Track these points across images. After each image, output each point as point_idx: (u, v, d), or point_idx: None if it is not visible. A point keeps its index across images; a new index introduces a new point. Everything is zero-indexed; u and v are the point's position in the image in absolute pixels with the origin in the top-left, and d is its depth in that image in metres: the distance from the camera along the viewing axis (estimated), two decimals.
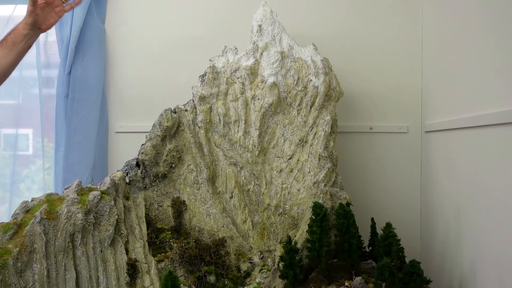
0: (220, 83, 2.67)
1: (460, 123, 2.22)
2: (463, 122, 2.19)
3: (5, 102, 3.11)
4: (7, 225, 2.09)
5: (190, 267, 2.40)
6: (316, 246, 1.97)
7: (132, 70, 3.09)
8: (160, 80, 3.05)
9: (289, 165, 2.60)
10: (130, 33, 3.10)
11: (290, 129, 2.62)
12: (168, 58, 3.07)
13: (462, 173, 2.21)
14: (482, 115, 1.99)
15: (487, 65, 1.99)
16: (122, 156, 2.90)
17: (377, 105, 2.96)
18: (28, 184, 3.15)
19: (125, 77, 3.09)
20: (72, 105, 2.91)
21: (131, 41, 3.10)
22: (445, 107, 2.50)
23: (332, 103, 2.61)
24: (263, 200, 2.61)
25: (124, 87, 3.09)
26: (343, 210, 2.02)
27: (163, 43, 3.08)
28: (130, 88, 3.08)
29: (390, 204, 2.92)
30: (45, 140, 3.06)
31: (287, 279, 1.95)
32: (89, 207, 2.23)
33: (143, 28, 3.10)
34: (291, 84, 2.62)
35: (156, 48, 3.08)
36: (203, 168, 2.61)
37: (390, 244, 1.99)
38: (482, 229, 1.99)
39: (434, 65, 2.71)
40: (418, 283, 1.80)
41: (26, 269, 2.06)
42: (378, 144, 2.96)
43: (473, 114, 2.08)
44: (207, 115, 2.65)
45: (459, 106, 2.30)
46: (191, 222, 2.59)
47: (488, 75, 1.98)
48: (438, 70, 2.64)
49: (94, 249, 2.23)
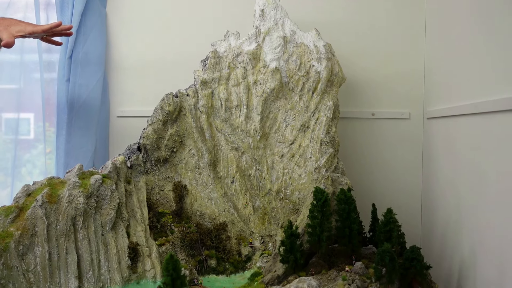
0: (222, 67, 2.66)
1: (463, 109, 2.21)
2: (465, 109, 2.18)
3: (6, 86, 3.10)
4: (9, 208, 2.09)
5: (191, 251, 2.41)
6: (317, 231, 1.97)
7: (134, 54, 3.07)
8: (162, 64, 3.04)
9: (291, 150, 2.59)
10: (132, 17, 3.08)
11: (292, 115, 2.62)
12: (170, 42, 3.05)
13: (464, 160, 2.21)
14: (484, 101, 1.98)
15: (491, 51, 1.98)
16: (123, 140, 2.89)
17: (379, 91, 2.95)
18: (29, 168, 3.15)
19: (127, 61, 3.08)
20: (74, 89, 2.90)
21: (133, 25, 3.08)
22: (448, 94, 2.49)
23: (334, 89, 2.60)
24: (264, 185, 2.61)
25: (125, 71, 3.07)
26: (344, 196, 2.02)
27: (165, 27, 3.06)
28: (132, 72, 3.07)
29: (391, 190, 2.93)
30: (46, 124, 3.05)
31: (288, 264, 1.96)
32: (91, 191, 2.23)
33: (144, 12, 3.08)
34: (293, 69, 2.61)
35: (158, 32, 3.06)
36: (204, 152, 2.61)
37: (390, 230, 1.99)
38: (483, 216, 1.99)
39: (437, 52, 2.70)
40: (418, 269, 1.81)
41: (28, 252, 2.07)
42: (380, 130, 2.95)
43: (476, 101, 2.07)
44: (209, 100, 2.64)
45: (461, 93, 2.29)
46: (192, 207, 2.59)
47: (491, 61, 1.97)
48: (440, 57, 2.62)
49: (96, 233, 2.24)
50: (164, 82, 2.95)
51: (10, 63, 3.04)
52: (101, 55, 3.00)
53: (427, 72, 2.85)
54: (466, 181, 2.18)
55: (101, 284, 2.21)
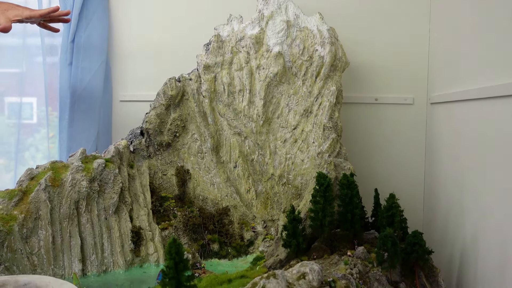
0: (225, 52, 2.65)
1: (467, 94, 2.20)
2: (470, 94, 2.17)
3: (8, 70, 3.09)
4: (12, 191, 2.10)
5: (193, 235, 2.42)
6: (319, 216, 1.97)
7: (136, 39, 3.06)
8: (164, 48, 3.02)
9: (294, 135, 2.59)
10: (134, 1, 3.06)
11: (295, 99, 2.61)
12: (173, 26, 3.03)
13: (467, 145, 2.20)
14: (489, 86, 1.97)
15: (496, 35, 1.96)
16: (126, 124, 2.88)
17: (382, 76, 2.93)
18: (32, 152, 3.16)
19: (129, 45, 3.06)
20: (76, 73, 2.90)
21: (136, 9, 3.06)
22: (452, 79, 2.48)
23: (338, 74, 2.59)
24: (267, 170, 2.61)
25: (128, 56, 3.06)
26: (346, 181, 2.02)
27: (168, 11, 3.04)
28: (134, 56, 3.05)
29: (394, 175, 2.93)
30: (49, 109, 3.05)
31: (290, 248, 1.96)
32: (94, 175, 2.24)
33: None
34: (296, 54, 2.59)
35: (161, 16, 3.04)
36: (207, 137, 2.60)
37: (393, 215, 1.99)
38: (485, 202, 1.99)
39: (441, 36, 2.67)
40: (420, 254, 1.81)
41: (32, 235, 2.08)
42: (383, 115, 2.94)
43: (480, 86, 2.06)
44: (212, 84, 2.63)
45: (466, 78, 2.27)
46: (195, 191, 2.60)
47: (496, 46, 1.95)
48: (445, 41, 2.60)
49: (99, 217, 2.25)
50: (166, 66, 2.93)
51: (12, 47, 3.03)
52: (104, 39, 2.98)
53: (431, 57, 2.83)
54: (469, 166, 2.17)
55: (105, 268, 2.23)
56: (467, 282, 2.09)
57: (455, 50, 2.43)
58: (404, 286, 1.82)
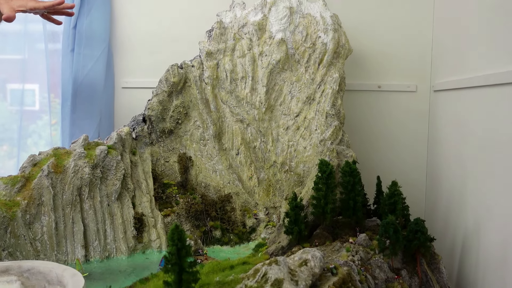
0: (227, 38, 2.64)
1: (471, 82, 2.18)
2: (474, 81, 2.15)
3: (10, 57, 3.08)
4: (15, 178, 2.11)
5: (196, 222, 2.43)
6: (322, 203, 1.97)
7: (139, 25, 3.04)
8: (166, 35, 3.00)
9: (296, 122, 2.59)
10: None
11: (297, 87, 2.60)
12: (175, 12, 3.01)
13: (470, 133, 2.19)
14: (493, 74, 1.95)
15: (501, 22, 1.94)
16: (128, 111, 2.88)
17: (386, 63, 2.92)
18: (35, 139, 3.16)
19: (132, 31, 3.05)
20: (78, 60, 2.89)
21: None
22: (456, 66, 2.46)
23: (341, 61, 2.58)
24: (269, 157, 2.61)
25: (130, 42, 3.05)
26: (349, 168, 2.02)
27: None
28: (137, 43, 3.04)
29: (396, 163, 2.92)
30: (51, 95, 3.05)
31: (292, 235, 1.97)
32: (96, 162, 2.24)
33: None
34: (299, 41, 2.58)
35: (163, 2, 3.02)
36: (209, 124, 2.60)
37: (395, 202, 1.99)
38: (487, 189, 1.99)
39: (445, 22, 2.66)
40: (422, 241, 1.82)
41: (35, 221, 2.09)
42: (386, 103, 2.93)
43: (484, 73, 2.05)
44: (214, 71, 2.62)
45: (470, 65, 2.26)
46: (197, 178, 2.60)
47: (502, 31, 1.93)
48: (449, 28, 2.59)
49: (101, 203, 2.26)
50: (169, 53, 2.92)
51: (14, 33, 3.01)
52: (106, 26, 2.97)
53: (435, 44, 2.82)
54: (472, 154, 2.17)
55: (107, 254, 2.24)
56: (469, 269, 2.09)
57: (459, 36, 2.42)
58: (406, 273, 1.82)
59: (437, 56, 2.79)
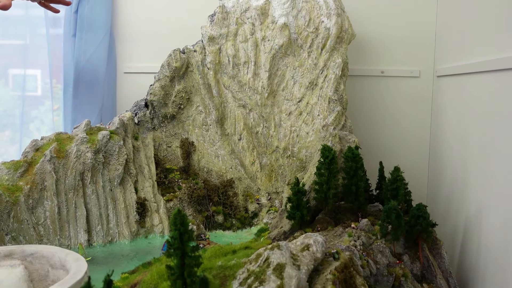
0: (230, 23, 2.62)
1: (475, 67, 2.17)
2: (477, 66, 2.14)
3: (12, 42, 3.07)
4: (18, 162, 2.11)
5: (198, 207, 2.43)
6: (324, 188, 1.97)
7: (141, 9, 3.02)
8: (168, 19, 2.98)
9: (298, 108, 2.58)
10: None
11: (300, 72, 2.59)
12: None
13: (474, 119, 2.18)
14: (497, 59, 1.94)
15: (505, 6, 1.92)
16: (130, 96, 2.88)
17: (389, 48, 2.90)
18: (37, 124, 3.16)
19: (133, 16, 3.03)
20: (80, 45, 2.87)
21: None
22: (459, 51, 2.44)
23: (344, 46, 2.56)
24: (272, 143, 2.61)
25: (132, 27, 3.03)
26: (351, 153, 2.01)
27: None
28: (139, 27, 3.02)
29: (399, 148, 2.92)
30: (53, 81, 3.04)
31: (294, 220, 1.97)
32: (98, 147, 2.24)
33: None
34: (302, 25, 2.56)
35: None
36: (211, 109, 2.60)
37: (397, 188, 1.99)
38: (490, 175, 1.98)
39: (450, 6, 2.63)
40: (424, 226, 1.82)
41: (37, 206, 2.10)
42: (389, 88, 2.92)
43: (488, 58, 2.03)
44: (216, 56, 2.61)
45: (473, 50, 2.24)
46: (200, 163, 2.60)
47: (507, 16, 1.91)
48: (453, 12, 2.56)
49: (104, 188, 2.26)
50: (171, 38, 2.91)
51: (16, 18, 3.00)
52: (107, 10, 2.95)
53: (439, 29, 2.79)
54: (474, 140, 2.16)
55: (110, 238, 2.25)
56: (470, 254, 2.10)
57: (464, 20, 2.39)
58: (407, 258, 1.83)
59: (440, 41, 2.76)
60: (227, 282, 1.38)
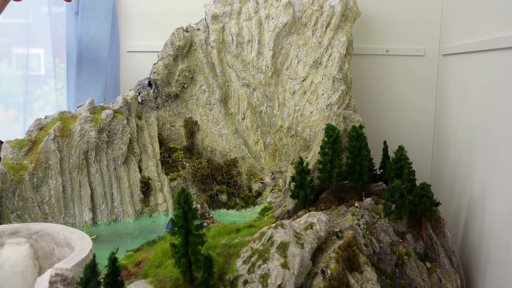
0: (233, 1, 2.60)
1: (482, 45, 2.14)
2: (484, 45, 2.11)
3: (15, 21, 3.05)
4: (22, 141, 2.11)
5: (202, 186, 2.44)
6: (328, 168, 1.98)
7: None
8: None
9: (303, 87, 2.56)
10: None
11: (304, 50, 2.57)
12: None
13: (479, 98, 2.17)
14: (505, 36, 1.91)
15: None
16: (134, 75, 2.86)
17: (394, 26, 2.86)
18: (41, 104, 3.16)
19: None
20: (82, 23, 2.85)
21: None
22: (465, 29, 2.41)
23: (348, 24, 2.53)
24: (276, 122, 2.60)
25: (135, 5, 3.00)
26: (355, 133, 2.01)
27: None
28: (141, 6, 2.99)
29: (403, 127, 2.90)
30: (56, 60, 3.03)
31: (298, 199, 1.98)
32: (102, 126, 2.24)
33: None
34: (306, 3, 2.53)
35: None
36: (215, 88, 2.59)
37: (401, 167, 1.99)
38: (494, 154, 1.97)
39: None
40: (427, 205, 1.82)
41: (42, 184, 2.11)
42: (394, 67, 2.89)
43: (496, 36, 2.00)
44: (220, 35, 2.59)
45: (480, 28, 2.21)
46: (203, 143, 2.60)
47: None
48: None
49: (108, 167, 2.27)
50: (174, 16, 2.88)
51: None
52: None
53: (445, 7, 2.76)
54: (479, 119, 2.15)
55: (114, 217, 2.27)
56: (474, 233, 2.10)
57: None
58: (411, 237, 1.84)
59: (446, 19, 2.73)
60: (231, 260, 1.39)
